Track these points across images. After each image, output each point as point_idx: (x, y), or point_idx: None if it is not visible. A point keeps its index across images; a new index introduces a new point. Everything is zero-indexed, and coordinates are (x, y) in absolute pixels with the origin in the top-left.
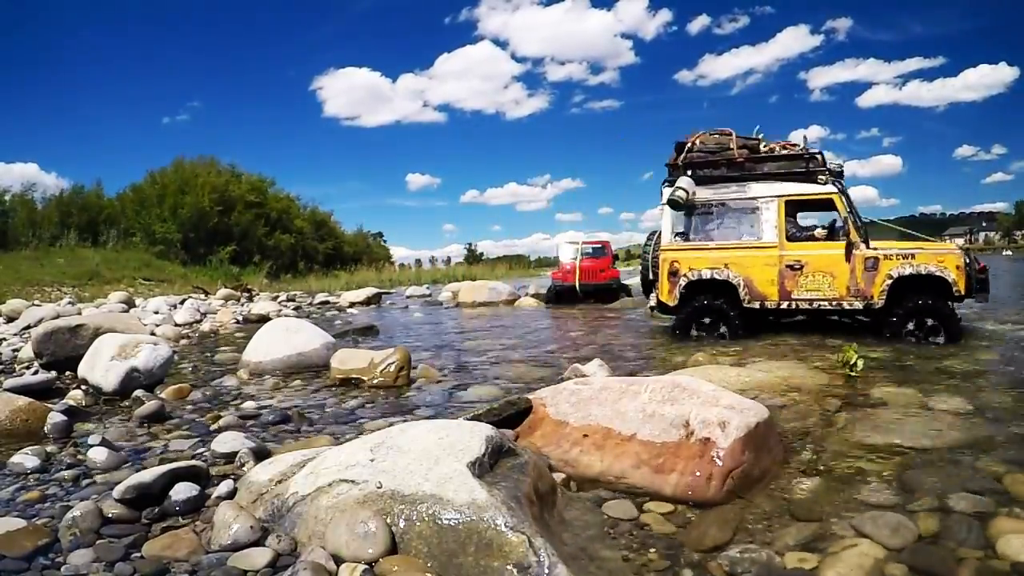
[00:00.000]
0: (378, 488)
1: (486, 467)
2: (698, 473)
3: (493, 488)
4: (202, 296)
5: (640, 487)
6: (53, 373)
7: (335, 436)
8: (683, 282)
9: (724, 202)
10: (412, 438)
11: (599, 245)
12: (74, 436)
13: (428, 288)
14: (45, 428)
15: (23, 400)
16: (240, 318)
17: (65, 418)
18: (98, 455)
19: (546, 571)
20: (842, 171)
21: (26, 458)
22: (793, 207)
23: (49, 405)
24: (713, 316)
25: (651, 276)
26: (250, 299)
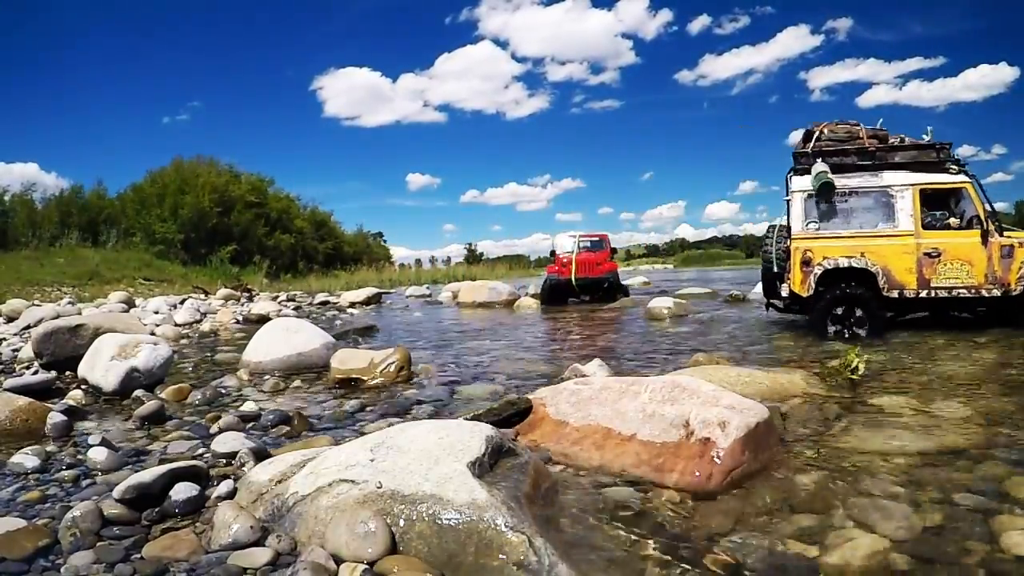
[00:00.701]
0: (378, 488)
1: (486, 467)
2: (698, 473)
3: (493, 488)
4: (202, 296)
5: (642, 478)
6: (53, 373)
7: (335, 436)
8: (817, 271)
9: (857, 190)
10: (412, 438)
11: (597, 238)
12: (74, 436)
13: (428, 288)
14: (45, 428)
15: (23, 400)
16: (240, 318)
17: (65, 418)
18: (98, 455)
19: (547, 571)
20: (965, 162)
21: (26, 458)
22: (926, 196)
23: (49, 405)
24: (853, 305)
25: (776, 270)
26: (250, 299)
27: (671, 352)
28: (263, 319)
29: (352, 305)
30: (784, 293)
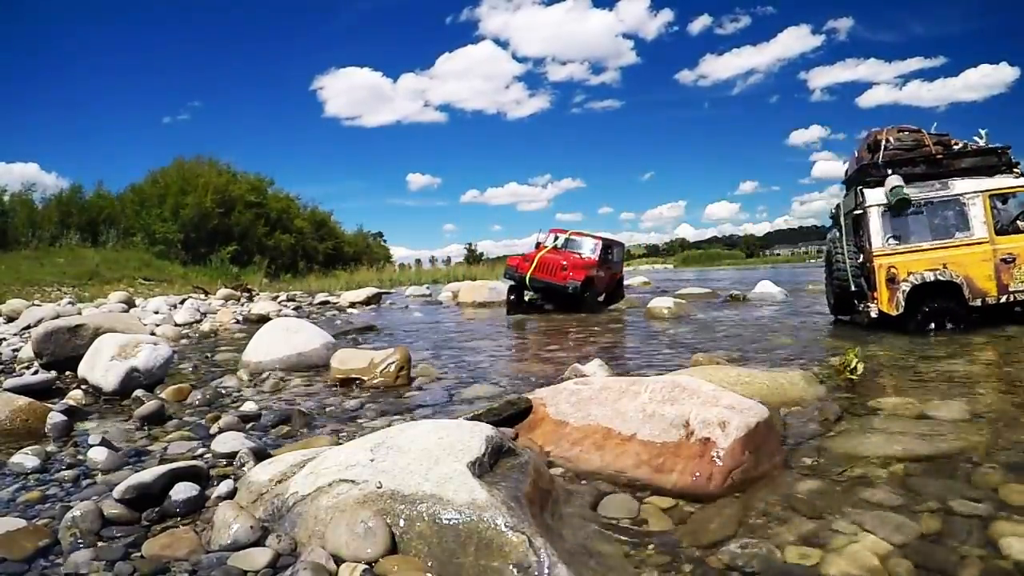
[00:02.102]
0: (378, 488)
1: (486, 467)
2: (698, 473)
3: (493, 488)
4: (202, 296)
5: (640, 480)
6: (53, 373)
7: (335, 436)
8: (905, 287)
9: (931, 200)
10: (412, 438)
11: (591, 243)
12: (74, 436)
13: (428, 288)
14: (45, 428)
15: (23, 400)
16: (240, 318)
17: (65, 418)
18: (98, 455)
19: (546, 571)
20: (1018, 162)
21: (26, 458)
22: (993, 201)
23: (49, 405)
24: (945, 319)
25: (852, 288)
26: (250, 299)
27: (671, 352)
28: (263, 319)
29: (352, 305)
30: (873, 314)
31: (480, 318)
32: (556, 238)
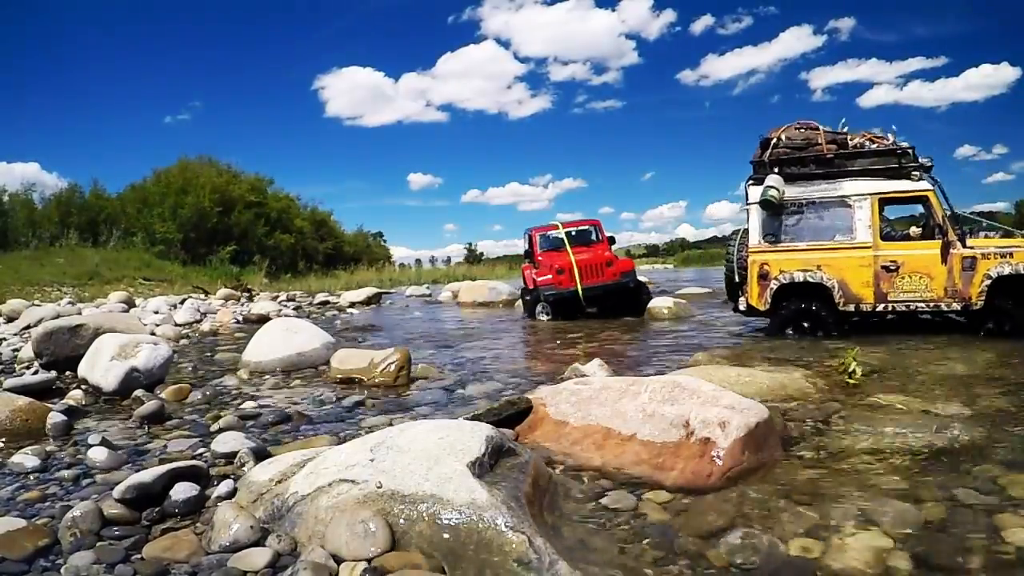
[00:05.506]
0: (378, 488)
1: (486, 467)
2: (698, 473)
3: (493, 488)
4: (202, 296)
5: (640, 477)
6: (53, 373)
7: (335, 436)
8: (774, 285)
9: (814, 201)
10: (412, 438)
11: (585, 227)
12: (74, 436)
13: (428, 288)
14: (45, 428)
15: (23, 400)
16: (240, 318)
17: (65, 418)
18: (98, 455)
19: (547, 570)
20: (931, 166)
21: (26, 458)
22: (886, 205)
23: (49, 405)
24: (808, 320)
25: (737, 279)
26: (250, 299)
27: (671, 352)
28: (263, 319)
29: (352, 305)
30: (742, 307)
31: (480, 318)
32: (544, 236)
